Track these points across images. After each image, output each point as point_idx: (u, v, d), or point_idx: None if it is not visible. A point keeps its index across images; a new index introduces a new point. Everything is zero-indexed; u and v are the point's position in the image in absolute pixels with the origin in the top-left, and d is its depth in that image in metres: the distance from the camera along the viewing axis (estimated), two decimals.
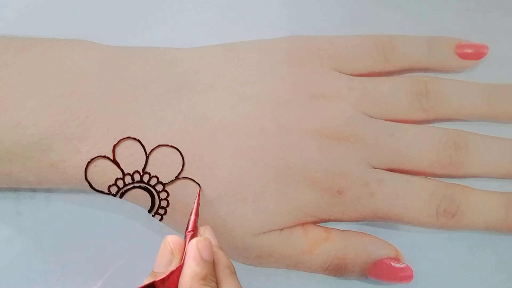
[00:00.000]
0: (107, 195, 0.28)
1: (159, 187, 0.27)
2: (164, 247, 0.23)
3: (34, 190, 0.30)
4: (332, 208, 0.28)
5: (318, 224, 0.29)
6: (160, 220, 0.28)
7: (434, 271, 0.29)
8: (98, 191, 0.27)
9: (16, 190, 0.30)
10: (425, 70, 0.32)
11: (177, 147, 0.27)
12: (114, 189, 0.27)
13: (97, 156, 0.27)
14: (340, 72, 0.30)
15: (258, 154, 0.28)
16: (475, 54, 0.31)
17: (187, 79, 0.29)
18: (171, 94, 0.28)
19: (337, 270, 0.28)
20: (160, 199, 0.28)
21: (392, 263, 0.28)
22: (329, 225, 0.29)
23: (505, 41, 0.32)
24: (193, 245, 0.22)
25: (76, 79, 0.27)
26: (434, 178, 0.30)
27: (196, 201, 0.26)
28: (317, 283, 0.29)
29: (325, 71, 0.30)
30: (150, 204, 0.28)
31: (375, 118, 0.30)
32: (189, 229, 0.24)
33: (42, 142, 0.26)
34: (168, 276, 0.21)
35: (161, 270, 0.23)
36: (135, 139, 0.27)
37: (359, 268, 0.28)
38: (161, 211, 0.28)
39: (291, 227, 0.28)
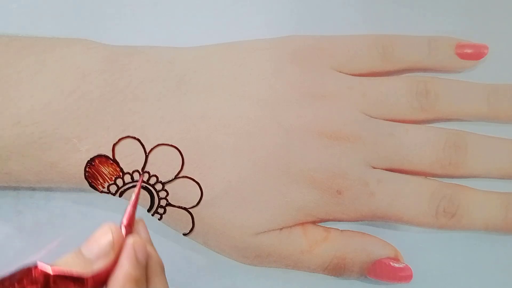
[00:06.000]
0: (107, 194, 0.28)
1: (159, 186, 0.27)
2: (104, 234, 0.22)
3: (33, 189, 0.30)
4: (332, 207, 0.28)
5: (318, 224, 0.29)
6: (159, 220, 0.28)
7: (433, 271, 0.29)
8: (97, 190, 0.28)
9: (15, 188, 0.30)
10: (425, 70, 0.32)
11: (176, 146, 0.27)
12: (113, 188, 0.27)
13: (97, 155, 0.27)
14: (340, 72, 0.30)
15: (258, 154, 0.28)
16: (475, 54, 0.31)
17: (187, 79, 0.29)
18: (170, 93, 0.28)
19: (337, 270, 0.28)
20: (160, 198, 0.28)
21: (391, 263, 0.28)
22: (329, 225, 0.29)
23: (505, 41, 0.32)
24: (129, 245, 0.22)
25: (76, 78, 0.27)
26: (434, 178, 0.30)
27: (136, 190, 0.25)
28: (316, 283, 0.29)
29: (325, 71, 0.30)
30: (149, 203, 0.28)
31: (375, 118, 0.30)
32: (125, 222, 0.23)
33: (42, 140, 0.26)
34: (101, 273, 0.21)
35: (90, 256, 0.21)
36: (134, 138, 0.27)
37: (358, 268, 0.28)
38: (161, 210, 0.28)
39: (290, 226, 0.28)
